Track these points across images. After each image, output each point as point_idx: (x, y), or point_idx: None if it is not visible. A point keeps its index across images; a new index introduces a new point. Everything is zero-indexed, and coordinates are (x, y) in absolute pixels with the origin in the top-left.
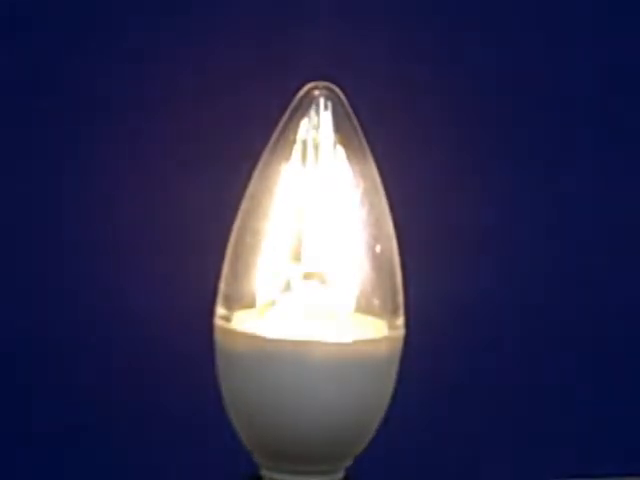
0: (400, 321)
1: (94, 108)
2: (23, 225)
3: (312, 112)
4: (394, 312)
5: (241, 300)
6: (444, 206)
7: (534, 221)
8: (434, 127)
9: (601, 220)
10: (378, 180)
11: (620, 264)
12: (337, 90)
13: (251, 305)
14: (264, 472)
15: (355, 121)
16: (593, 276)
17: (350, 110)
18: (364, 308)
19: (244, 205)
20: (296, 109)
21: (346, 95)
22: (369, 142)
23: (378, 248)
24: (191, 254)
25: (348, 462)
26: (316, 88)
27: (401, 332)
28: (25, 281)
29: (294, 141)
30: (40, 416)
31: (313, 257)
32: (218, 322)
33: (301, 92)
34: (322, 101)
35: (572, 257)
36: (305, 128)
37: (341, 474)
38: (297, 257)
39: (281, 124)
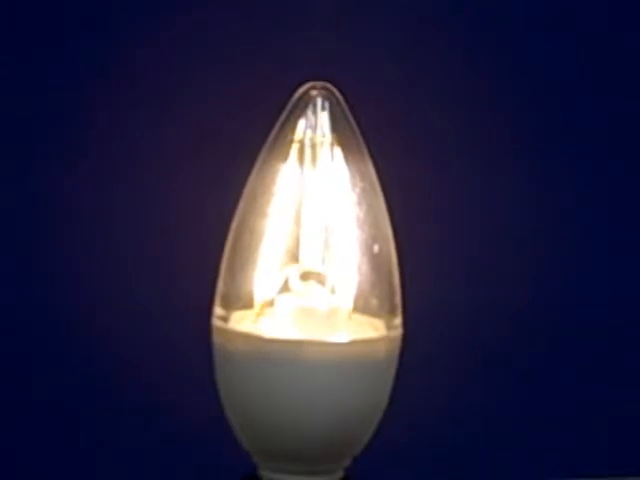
0: (398, 321)
1: (93, 108)
2: (22, 224)
3: (309, 112)
4: (392, 312)
5: (239, 300)
6: (442, 206)
7: (534, 221)
8: (432, 127)
9: (602, 223)
10: (376, 180)
11: (624, 264)
12: (334, 90)
13: (249, 305)
14: (263, 472)
15: (352, 121)
16: (594, 276)
17: (347, 110)
18: (362, 308)
19: (242, 205)
20: (294, 109)
21: (343, 95)
22: (366, 142)
23: (376, 248)
24: (189, 254)
25: (347, 462)
26: (313, 88)
27: (399, 332)
28: (24, 281)
29: (292, 141)
30: (38, 415)
31: (311, 257)
32: (216, 322)
33: (298, 92)
34: (319, 101)
35: (572, 257)
36: (302, 128)
37: (340, 474)
38: (295, 257)
39: (278, 124)
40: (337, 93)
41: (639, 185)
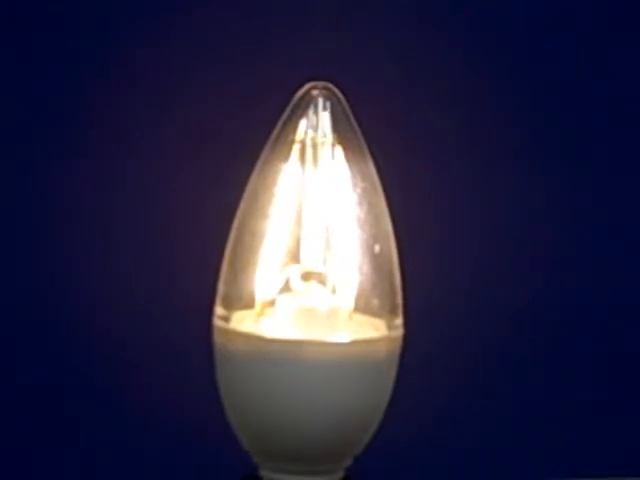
0: (399, 321)
1: (93, 108)
2: (22, 224)
3: (311, 112)
4: (393, 312)
5: (240, 300)
6: (443, 206)
7: (534, 221)
8: (432, 127)
9: (602, 222)
10: (377, 180)
11: (624, 264)
12: (336, 90)
13: (250, 305)
14: (263, 472)
15: (354, 121)
16: (594, 276)
17: (349, 110)
18: (363, 308)
19: (243, 205)
20: (295, 109)
21: (345, 95)
22: (368, 142)
23: (377, 248)
24: (190, 254)
25: (347, 462)
26: (315, 88)
27: (400, 332)
28: (23, 281)
29: (293, 141)
30: (38, 415)
31: (312, 257)
32: (217, 322)
33: (300, 92)
34: (321, 101)
35: (572, 257)
36: (304, 128)
37: (340, 474)
38: (296, 257)
39: (280, 124)
40: (338, 93)
41: (639, 185)
